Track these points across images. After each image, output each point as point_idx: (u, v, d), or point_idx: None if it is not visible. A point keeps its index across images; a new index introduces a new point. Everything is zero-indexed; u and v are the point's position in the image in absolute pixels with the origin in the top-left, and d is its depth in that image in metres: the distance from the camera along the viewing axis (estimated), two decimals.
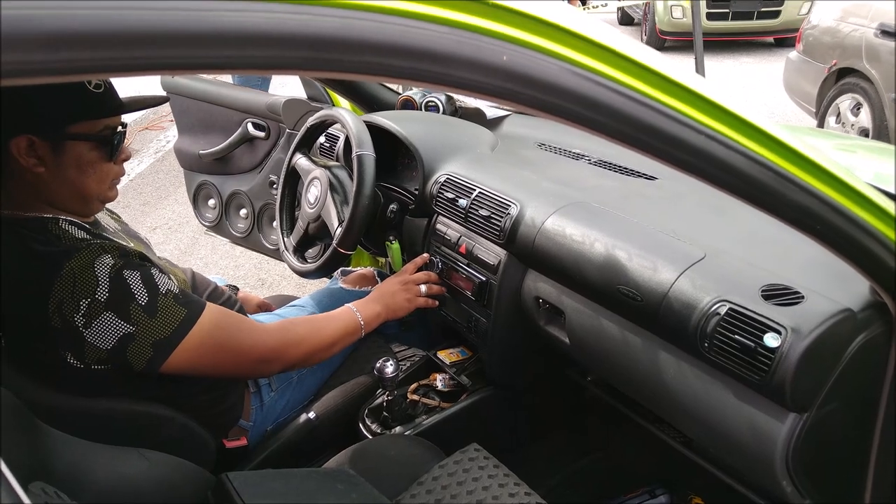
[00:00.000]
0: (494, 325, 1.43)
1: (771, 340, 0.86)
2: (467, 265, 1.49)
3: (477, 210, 1.44)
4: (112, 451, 1.10)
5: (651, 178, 1.47)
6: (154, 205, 4.37)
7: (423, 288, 1.54)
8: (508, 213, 1.36)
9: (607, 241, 1.17)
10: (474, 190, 1.47)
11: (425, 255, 1.59)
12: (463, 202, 1.47)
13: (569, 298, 1.26)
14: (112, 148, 1.18)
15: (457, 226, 1.53)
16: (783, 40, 8.48)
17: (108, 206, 1.32)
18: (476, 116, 1.94)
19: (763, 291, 0.94)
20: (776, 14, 8.00)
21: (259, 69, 0.45)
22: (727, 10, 7.92)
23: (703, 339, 0.96)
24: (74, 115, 1.13)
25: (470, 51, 0.54)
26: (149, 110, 6.31)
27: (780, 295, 0.93)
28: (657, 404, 1.22)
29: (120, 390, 1.20)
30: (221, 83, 2.60)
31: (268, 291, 3.28)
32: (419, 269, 1.59)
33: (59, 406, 1.13)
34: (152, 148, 5.43)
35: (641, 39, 8.90)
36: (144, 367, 1.15)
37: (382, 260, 2.56)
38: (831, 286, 0.93)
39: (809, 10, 8.00)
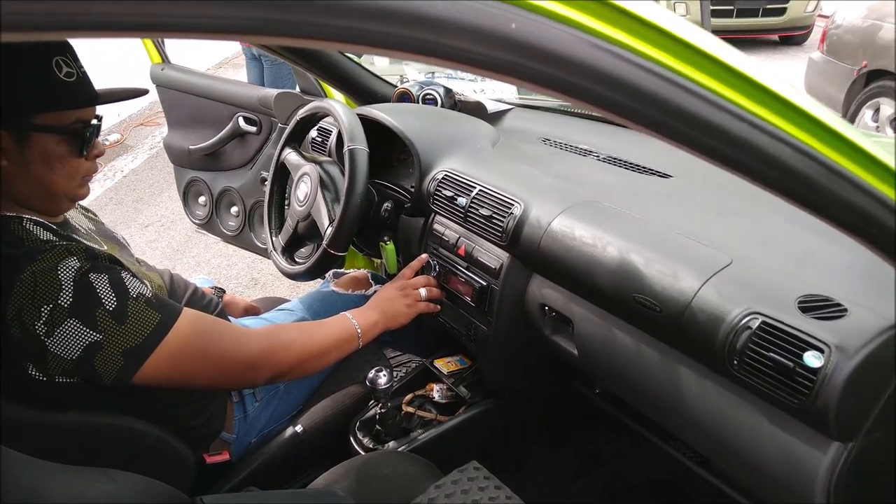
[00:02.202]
0: (496, 333, 1.33)
1: (812, 360, 0.76)
2: (466, 268, 1.38)
3: (477, 209, 1.33)
4: (74, 472, 1.00)
5: (665, 175, 1.37)
6: (147, 201, 4.27)
7: (423, 292, 1.43)
8: (511, 213, 1.26)
9: (621, 245, 1.07)
10: (474, 187, 1.36)
11: (424, 256, 1.48)
12: (462, 200, 1.37)
13: (578, 307, 1.16)
14: (83, 142, 1.08)
15: (455, 226, 1.42)
16: (788, 38, 8.36)
17: (90, 204, 1.21)
18: (476, 110, 1.83)
19: (800, 303, 0.83)
20: (782, 11, 7.87)
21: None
22: (731, 7, 7.79)
23: (732, 355, 0.85)
24: (41, 104, 1.03)
25: (470, 16, 0.44)
26: (146, 105, 6.22)
27: (820, 307, 0.82)
28: (673, 423, 1.12)
29: (88, 403, 1.10)
30: (212, 76, 2.50)
31: (261, 291, 3.18)
32: (417, 273, 1.49)
33: (19, 420, 1.03)
34: (147, 144, 5.34)
35: None
36: (115, 379, 1.04)
37: (378, 261, 2.46)
38: (874, 298, 0.82)
39: (815, 9, 7.90)
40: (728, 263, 0.94)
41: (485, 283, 1.32)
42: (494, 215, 1.29)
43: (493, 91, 1.96)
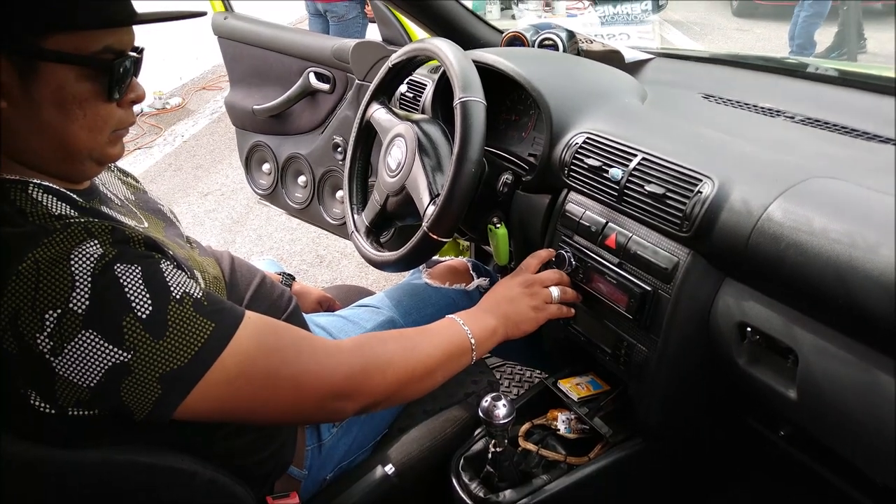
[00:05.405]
0: (662, 356, 0.96)
1: None
2: (618, 265, 1.02)
3: (640, 185, 0.97)
4: None
5: None
6: (207, 168, 4.05)
7: (555, 292, 1.08)
8: (698, 193, 0.89)
9: None
10: (634, 155, 1.00)
11: (549, 249, 1.13)
12: (616, 172, 1.00)
13: (809, 333, 0.79)
14: (112, 80, 0.76)
15: (601, 207, 1.06)
16: None
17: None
18: (608, 60, 1.45)
19: None
20: None
21: None
22: None
23: None
24: (56, 20, 0.71)
25: None
26: (208, 69, 6.00)
27: None
28: None
29: (114, 438, 0.80)
30: (279, 26, 2.18)
31: (327, 270, 2.89)
32: (544, 267, 1.13)
33: (20, 459, 0.74)
34: (208, 108, 5.12)
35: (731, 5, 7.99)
36: (149, 413, 0.74)
37: (464, 244, 2.12)
38: None
39: None
40: None
41: (649, 289, 0.96)
42: (670, 194, 0.92)
43: (622, 38, 1.57)
